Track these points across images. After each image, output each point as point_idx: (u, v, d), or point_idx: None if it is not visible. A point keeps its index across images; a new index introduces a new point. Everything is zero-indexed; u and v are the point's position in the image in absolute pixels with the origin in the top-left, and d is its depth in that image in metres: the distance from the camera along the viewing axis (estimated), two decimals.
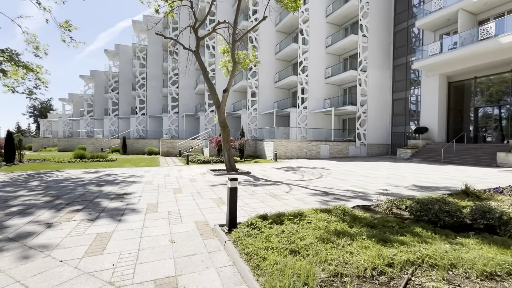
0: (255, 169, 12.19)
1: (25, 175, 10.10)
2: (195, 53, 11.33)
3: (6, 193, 6.63)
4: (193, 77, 31.08)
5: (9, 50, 11.20)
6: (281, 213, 4.12)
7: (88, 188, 7.38)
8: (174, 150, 23.61)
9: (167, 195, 6.42)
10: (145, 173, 10.84)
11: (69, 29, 13.63)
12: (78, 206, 5.34)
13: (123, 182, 8.46)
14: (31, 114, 55.79)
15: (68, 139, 31.35)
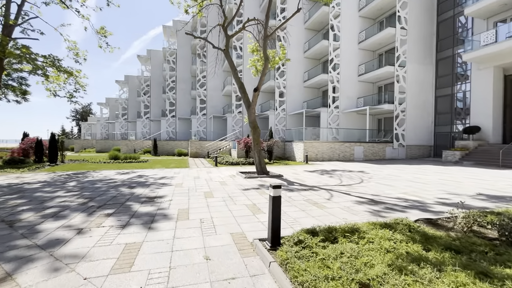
0: (287, 172, 11.54)
1: (64, 175, 10.47)
2: (225, 51, 11.02)
3: (45, 194, 6.72)
4: (221, 78, 31.23)
5: (52, 56, 11.79)
6: (331, 227, 3.47)
7: (120, 190, 7.29)
8: (202, 152, 23.74)
9: (198, 200, 6.05)
10: (175, 175, 10.72)
11: (105, 35, 14.17)
12: (109, 209, 5.14)
13: (154, 184, 8.32)
14: (74, 118, 60.52)
15: (105, 140, 33.17)
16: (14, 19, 11.44)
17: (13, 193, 6.76)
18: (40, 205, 5.48)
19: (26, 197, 6.26)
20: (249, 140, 17.62)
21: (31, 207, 5.31)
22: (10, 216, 4.66)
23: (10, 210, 5.08)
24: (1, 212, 4.93)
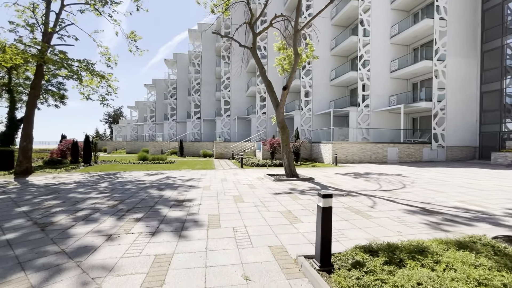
0: (317, 175, 10.89)
1: (96, 176, 10.74)
2: (252, 49, 10.67)
3: (78, 195, 6.78)
4: (245, 79, 31.10)
5: (86, 61, 12.23)
6: (392, 244, 2.89)
7: (149, 192, 7.18)
8: (227, 153, 23.67)
9: (228, 204, 5.69)
10: (202, 176, 10.54)
11: (134, 39, 14.49)
12: (138, 213, 4.95)
13: (182, 186, 8.14)
14: (107, 121, 64.18)
15: (134, 142, 34.51)
16: (53, 27, 12.02)
17: (49, 194, 6.90)
18: (72, 207, 5.45)
19: (60, 198, 6.32)
20: (275, 141, 17.14)
21: (64, 209, 5.29)
22: (43, 219, 4.62)
23: (44, 212, 5.08)
24: (36, 214, 4.93)
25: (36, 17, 12.17)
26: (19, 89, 16.98)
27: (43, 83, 16.91)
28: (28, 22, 11.51)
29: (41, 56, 11.20)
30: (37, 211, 5.16)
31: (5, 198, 6.36)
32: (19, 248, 3.33)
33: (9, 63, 11.51)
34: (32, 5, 12.00)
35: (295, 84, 25.33)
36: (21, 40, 10.86)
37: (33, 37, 11.41)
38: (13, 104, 16.23)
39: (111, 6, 13.74)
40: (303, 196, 6.59)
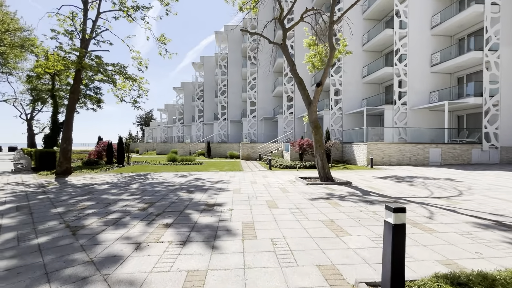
0: (353, 178, 10.05)
1: (128, 176, 10.93)
2: (282, 46, 10.17)
3: (110, 196, 6.78)
4: (271, 80, 30.65)
5: (119, 64, 12.61)
6: (488, 275, 2.21)
7: (178, 194, 6.98)
8: (254, 154, 23.35)
9: (261, 210, 5.24)
10: (230, 178, 10.24)
11: (164, 42, 14.72)
12: (168, 218, 4.68)
13: (211, 189, 7.87)
14: (138, 123, 67.60)
15: (164, 143, 35.63)
16: (90, 34, 12.58)
17: (84, 194, 6.99)
18: (104, 209, 5.36)
19: (94, 199, 6.33)
20: (304, 142, 16.42)
21: (96, 211, 5.21)
22: (75, 221, 4.53)
23: (77, 214, 5.03)
24: (69, 216, 4.88)
25: (75, 25, 12.78)
26: (61, 94, 18.22)
27: (82, 88, 17.91)
28: (68, 30, 12.09)
29: (79, 62, 11.73)
30: (71, 212, 5.13)
31: (44, 199, 6.52)
32: (48, 255, 3.16)
33: (52, 70, 12.22)
34: (71, 14, 12.61)
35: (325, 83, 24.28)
36: (62, 47, 11.42)
37: (72, 43, 11.97)
38: (56, 109, 17.40)
39: (143, 11, 14.07)
40: (344, 202, 5.92)
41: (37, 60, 14.87)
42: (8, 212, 5.22)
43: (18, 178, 10.60)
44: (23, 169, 13.61)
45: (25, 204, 5.87)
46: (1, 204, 5.94)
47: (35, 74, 20.16)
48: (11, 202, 6.09)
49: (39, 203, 6.03)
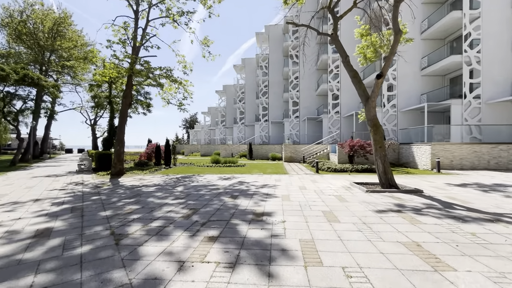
0: (422, 185, 8.51)
1: (174, 178, 11.00)
2: (333, 36, 9.16)
3: (156, 199, 6.63)
4: (314, 78, 29.24)
5: (165, 68, 12.94)
6: None
7: (223, 200, 6.52)
8: (297, 156, 22.33)
9: (319, 224, 4.41)
10: (276, 182, 9.54)
11: (207, 44, 14.78)
12: (213, 229, 4.16)
13: (257, 194, 7.26)
14: (184, 126, 71.44)
15: (207, 145, 36.67)
16: (140, 41, 13.18)
17: (132, 197, 6.98)
18: (149, 214, 5.11)
19: (140, 203, 6.22)
20: (356, 143, 14.92)
21: (140, 216, 4.97)
22: (120, 228, 4.29)
23: (123, 219, 4.84)
24: (115, 221, 4.70)
25: (127, 34, 13.51)
26: (117, 101, 19.78)
27: (133, 94, 19.11)
28: (121, 39, 12.81)
29: (131, 68, 12.32)
30: (117, 217, 4.97)
31: (96, 200, 6.64)
32: (87, 269, 2.83)
33: (107, 77, 13.08)
34: (124, 24, 13.34)
35: (373, 79, 22.07)
36: (116, 55, 12.10)
37: (125, 51, 12.62)
38: (112, 114, 18.88)
39: (187, 16, 14.30)
40: (423, 218, 4.75)
41: (95, 69, 16.20)
42: (63, 213, 5.30)
43: (79, 178, 11.45)
44: (85, 170, 14.86)
45: (79, 206, 5.97)
46: (59, 204, 6.16)
47: (95, 83, 22.29)
48: (68, 203, 6.30)
49: (91, 204, 6.11)
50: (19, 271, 2.82)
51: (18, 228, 4.33)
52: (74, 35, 27.41)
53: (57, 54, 27.63)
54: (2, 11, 24.72)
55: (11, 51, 27.03)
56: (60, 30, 26.26)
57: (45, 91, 21.62)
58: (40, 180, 10.51)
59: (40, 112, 24.16)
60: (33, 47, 25.72)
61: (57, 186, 8.94)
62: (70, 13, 27.35)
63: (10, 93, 20.12)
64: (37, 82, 19.36)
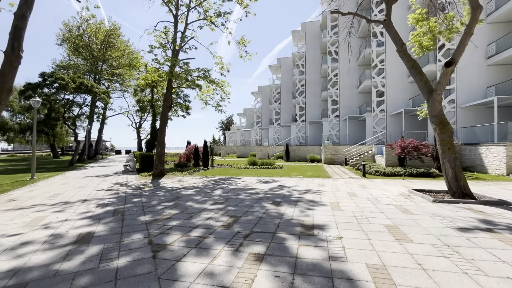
0: (506, 195, 6.97)
1: (212, 180, 10.81)
2: (386, 23, 8.06)
3: (195, 204, 6.35)
4: (356, 74, 27.34)
5: (203, 69, 12.93)
6: None
7: (265, 206, 5.97)
8: (338, 158, 20.96)
9: (386, 243, 3.59)
10: (320, 187, 8.72)
11: (244, 44, 14.51)
12: (259, 244, 3.62)
13: (301, 201, 6.57)
14: (220, 128, 73.29)
15: (243, 146, 36.73)
16: (179, 44, 13.41)
17: (171, 200, 6.82)
18: (188, 221, 4.78)
19: (179, 207, 5.97)
20: (408, 144, 13.28)
21: (179, 223, 4.65)
22: (158, 237, 3.98)
23: (162, 225, 4.57)
24: (154, 228, 4.44)
25: (167, 38, 13.85)
26: (158, 104, 20.67)
27: (173, 97, 19.72)
28: (162, 43, 13.14)
29: (170, 71, 12.55)
30: (156, 223, 4.73)
31: (137, 202, 6.60)
32: None
33: (149, 80, 13.52)
34: (164, 28, 13.67)
35: (429, 70, 19.71)
36: (157, 59, 12.42)
37: (165, 54, 12.91)
38: (154, 116, 19.75)
39: (224, 17, 14.20)
40: None
41: (138, 74, 17.01)
42: (105, 216, 5.25)
43: (124, 178, 11.93)
44: (130, 170, 15.61)
45: (121, 209, 5.93)
46: (104, 206, 6.20)
47: (139, 88, 23.63)
48: (111, 205, 6.33)
49: (132, 207, 6.04)
50: (53, 285, 2.58)
51: (62, 231, 4.29)
52: (122, 45, 29.58)
53: (108, 63, 30.09)
54: (63, 27, 27.67)
55: (70, 63, 30.19)
56: (110, 41, 28.53)
57: (97, 97, 23.56)
58: (90, 180, 11.15)
59: (94, 116, 26.47)
60: (88, 58, 28.34)
61: (104, 187, 9.29)
62: (119, 25, 29.60)
63: (69, 100, 22.29)
64: (90, 89, 21.13)
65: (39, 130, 29.93)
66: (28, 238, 3.95)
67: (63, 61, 30.32)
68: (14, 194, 7.99)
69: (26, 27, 7.89)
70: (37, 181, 11.01)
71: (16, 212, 5.65)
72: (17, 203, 6.55)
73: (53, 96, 20.85)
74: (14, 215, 5.35)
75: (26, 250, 3.48)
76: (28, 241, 3.84)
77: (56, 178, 12.07)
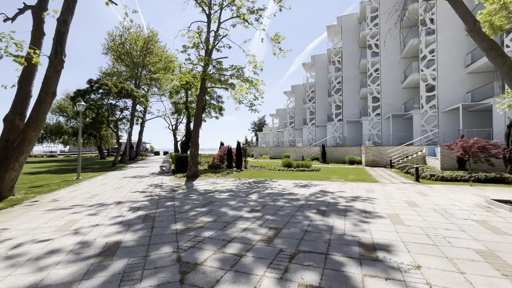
0: None
1: (246, 183, 10.24)
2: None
3: (229, 210, 5.79)
4: (399, 69, 24.92)
5: (236, 67, 12.51)
6: None
7: (309, 217, 5.16)
8: (381, 160, 19.11)
9: (491, 281, 2.57)
10: (368, 193, 7.61)
11: (278, 41, 13.83)
12: (309, 271, 2.85)
13: (351, 210, 5.63)
14: (253, 129, 73.41)
15: (276, 148, 35.93)
16: (212, 43, 13.19)
17: (204, 205, 6.35)
18: (222, 232, 4.19)
19: (213, 213, 5.45)
20: (472, 144, 11.32)
21: (213, 235, 4.08)
22: (189, 252, 3.43)
23: (193, 236, 4.04)
24: (184, 240, 3.92)
25: (200, 38, 13.72)
26: (192, 106, 20.93)
27: (206, 98, 19.74)
28: (195, 43, 13.03)
29: (204, 71, 12.36)
30: (187, 233, 4.22)
31: (170, 207, 6.24)
32: None
33: (183, 81, 13.50)
34: (198, 29, 13.57)
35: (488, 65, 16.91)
36: (190, 59, 12.31)
37: (198, 54, 12.76)
38: (189, 118, 19.99)
39: (257, 14, 13.67)
40: None
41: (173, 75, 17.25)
42: (135, 222, 4.91)
43: (159, 179, 11.96)
44: (166, 171, 15.83)
45: (153, 214, 5.59)
46: (136, 210, 5.94)
47: (174, 90, 24.24)
48: (143, 209, 6.05)
49: (164, 212, 5.67)
50: None
51: (90, 238, 3.98)
52: (159, 51, 30.85)
53: (147, 69, 31.61)
54: (108, 37, 29.71)
55: (114, 70, 32.34)
56: (149, 47, 29.90)
57: (137, 101, 24.73)
58: (128, 181, 11.34)
59: (134, 120, 27.91)
60: (129, 64, 30.04)
61: (139, 188, 9.26)
62: (156, 31, 30.93)
63: (112, 105, 23.71)
64: (130, 93, 22.19)
65: (88, 133, 32.55)
66: (55, 246, 3.68)
67: (108, 69, 32.62)
68: (59, 194, 8.25)
69: (68, 32, 8.13)
70: (82, 181, 11.50)
71: (54, 213, 5.62)
72: (58, 204, 6.62)
73: (99, 101, 22.32)
74: (51, 217, 5.28)
75: (49, 262, 3.17)
76: (54, 249, 3.56)
77: (98, 178, 12.55)
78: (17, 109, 7.96)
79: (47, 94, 7.66)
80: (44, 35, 8.51)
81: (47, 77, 7.68)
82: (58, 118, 40.15)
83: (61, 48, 7.80)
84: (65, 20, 7.85)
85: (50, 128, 38.01)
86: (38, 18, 8.39)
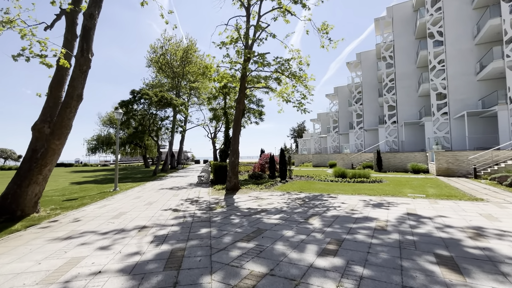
0: None
1: (298, 200, 8.25)
2: None
3: (287, 248, 3.92)
4: (472, 58, 20.71)
5: (280, 58, 10.83)
6: None
7: (434, 273, 3.01)
8: (458, 167, 15.46)
9: None
10: (490, 221, 5.05)
11: (326, 30, 11.91)
12: None
13: (495, 258, 3.30)
14: (292, 136, 70.82)
15: (319, 155, 33.12)
16: (253, 37, 11.77)
17: (250, 237, 4.56)
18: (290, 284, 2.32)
19: (265, 256, 3.62)
20: None
21: None
22: None
23: None
24: None
25: (239, 34, 12.40)
26: (231, 112, 19.86)
27: (246, 103, 18.37)
28: (233, 38, 11.75)
29: (244, 67, 10.93)
30: None
31: (204, 237, 4.59)
32: None
33: (221, 82, 12.24)
34: (236, 25, 12.30)
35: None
36: (228, 54, 11.03)
37: (237, 49, 11.42)
38: (227, 124, 18.86)
39: (301, 3, 11.95)
40: None
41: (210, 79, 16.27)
42: (152, 270, 3.32)
43: (196, 192, 10.63)
44: (204, 182, 14.64)
45: (181, 250, 3.97)
46: (159, 242, 4.41)
47: (212, 95, 23.52)
48: (170, 239, 4.50)
49: (196, 249, 4.01)
50: None
51: None
52: (197, 59, 30.91)
53: (186, 78, 31.89)
54: (150, 49, 30.71)
55: (156, 81, 33.34)
56: (188, 57, 30.12)
57: (177, 109, 24.61)
58: (163, 194, 10.21)
59: (175, 129, 27.99)
60: (169, 75, 30.57)
61: (172, 204, 7.92)
62: (195, 40, 31.11)
63: (153, 114, 23.89)
64: (170, 102, 21.99)
65: (134, 143, 33.82)
66: None
67: (151, 81, 33.78)
68: (85, 210, 7.28)
69: (95, 27, 7.28)
70: (117, 193, 10.74)
71: (59, 244, 4.37)
72: (75, 226, 5.47)
73: (142, 111, 22.58)
74: (51, 252, 4.00)
75: None
76: None
77: (135, 190, 11.75)
78: (46, 117, 7.26)
79: (72, 98, 6.79)
80: (77, 37, 7.85)
81: (72, 78, 6.84)
82: (108, 130, 43.05)
83: (87, 46, 6.94)
84: (92, 14, 6.99)
85: (101, 139, 40.82)
86: (71, 20, 7.76)
